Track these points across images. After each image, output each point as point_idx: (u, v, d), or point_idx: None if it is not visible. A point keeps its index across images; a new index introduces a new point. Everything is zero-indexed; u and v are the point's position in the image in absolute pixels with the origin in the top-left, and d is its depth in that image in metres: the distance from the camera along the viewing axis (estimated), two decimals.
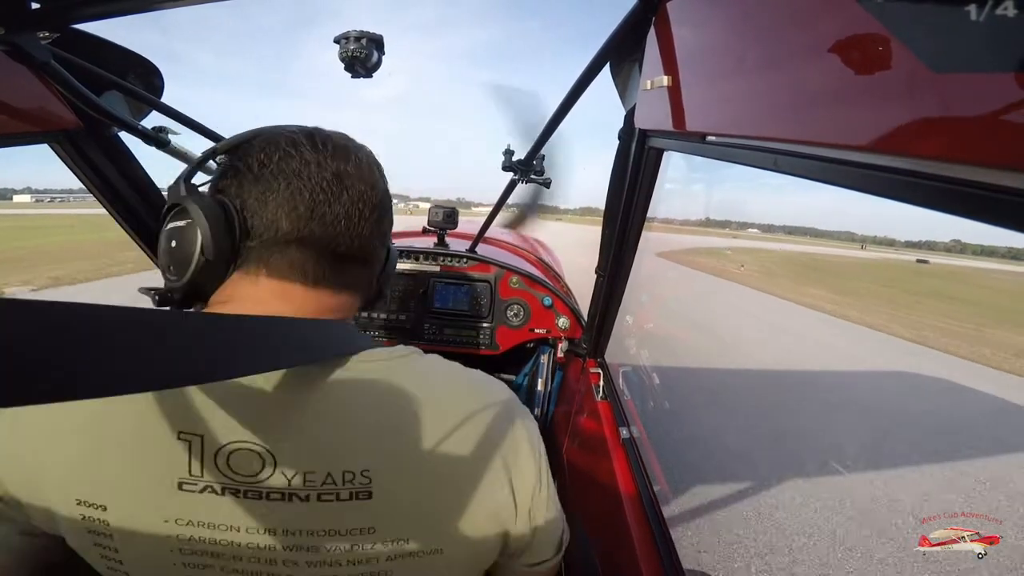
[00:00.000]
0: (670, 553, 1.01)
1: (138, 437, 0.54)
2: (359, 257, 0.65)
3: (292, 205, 0.58)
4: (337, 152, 0.61)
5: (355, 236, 0.62)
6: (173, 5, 0.82)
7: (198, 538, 0.55)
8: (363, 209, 0.62)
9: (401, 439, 0.58)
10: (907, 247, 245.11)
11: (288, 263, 0.59)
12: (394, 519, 0.58)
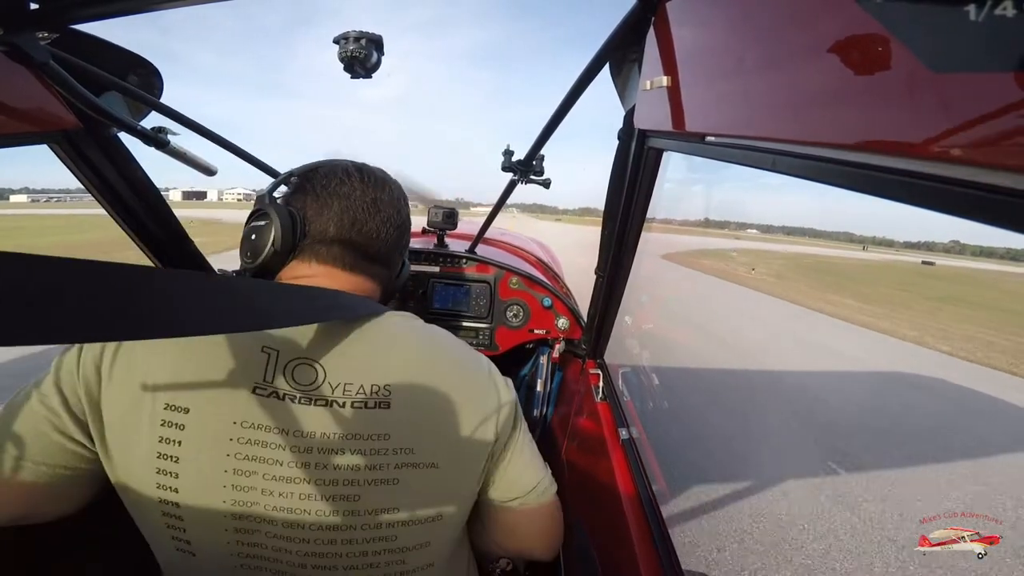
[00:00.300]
0: (669, 553, 1.01)
1: (230, 347, 0.70)
2: (383, 260, 0.88)
3: (340, 218, 0.82)
4: (376, 183, 0.86)
5: (382, 244, 0.86)
6: (173, 5, 0.81)
7: (254, 441, 0.68)
8: (390, 227, 0.86)
9: (413, 368, 0.77)
10: (906, 248, 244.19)
11: (333, 255, 0.82)
12: (404, 429, 0.74)
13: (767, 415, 5.12)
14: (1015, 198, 0.34)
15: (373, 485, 0.72)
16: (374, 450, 0.72)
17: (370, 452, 0.71)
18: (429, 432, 0.75)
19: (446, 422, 0.77)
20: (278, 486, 0.68)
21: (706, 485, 3.59)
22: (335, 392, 0.72)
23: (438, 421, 0.77)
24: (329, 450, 0.70)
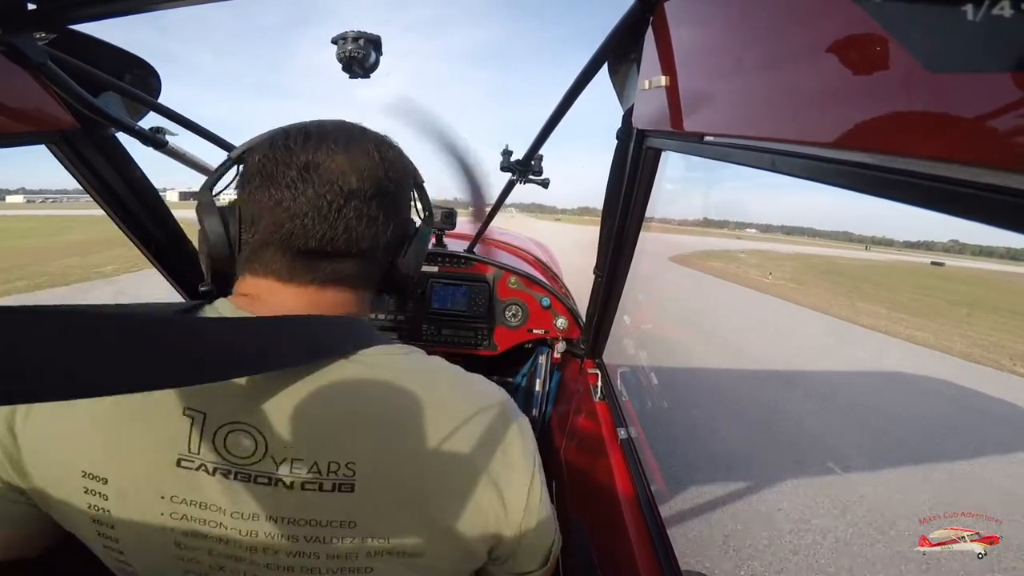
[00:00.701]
0: (667, 553, 1.02)
1: (147, 410, 0.55)
2: (341, 251, 0.63)
3: (262, 205, 0.61)
4: (309, 143, 0.61)
5: (330, 228, 0.60)
6: (170, 5, 0.81)
7: (191, 517, 0.56)
8: (334, 200, 0.60)
9: (389, 435, 0.58)
10: (906, 247, 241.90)
11: (264, 262, 0.62)
12: (375, 515, 0.57)
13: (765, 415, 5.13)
14: (1012, 197, 0.34)
15: (339, 574, 0.58)
16: (336, 537, 0.57)
17: (330, 540, 0.57)
18: (412, 518, 0.58)
19: (438, 507, 0.59)
20: (229, 563, 0.58)
21: (704, 485, 3.59)
22: (280, 468, 0.55)
23: (426, 506, 0.58)
24: (279, 535, 0.56)
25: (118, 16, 0.82)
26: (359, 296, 0.69)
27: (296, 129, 0.63)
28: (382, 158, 0.65)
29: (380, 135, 0.69)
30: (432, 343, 2.01)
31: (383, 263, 0.70)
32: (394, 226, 0.68)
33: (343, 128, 0.65)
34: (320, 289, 0.64)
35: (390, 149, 0.68)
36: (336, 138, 0.62)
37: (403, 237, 0.72)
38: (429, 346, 2.02)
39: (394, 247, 0.71)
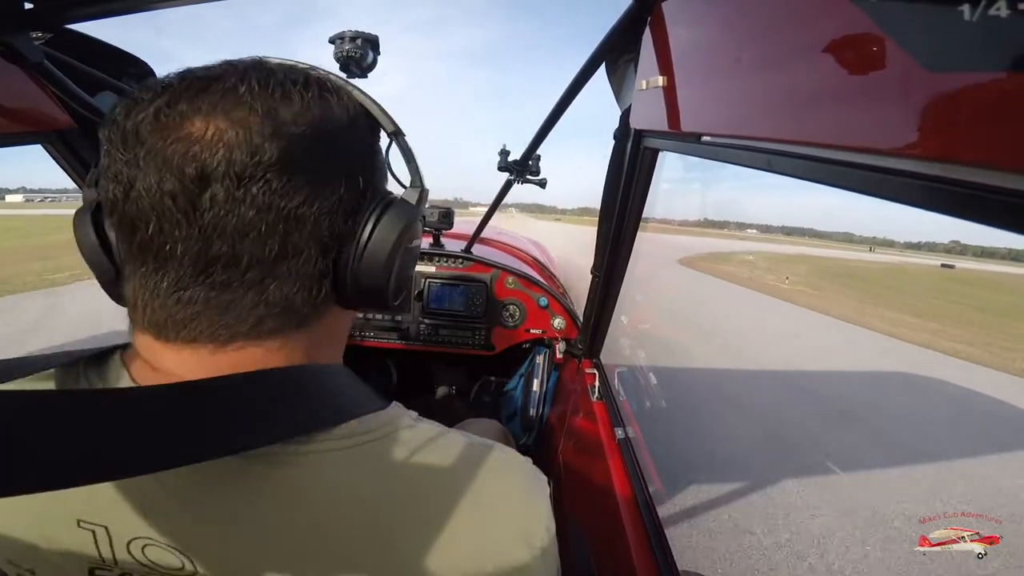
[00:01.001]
0: (665, 553, 1.02)
1: (46, 516, 0.44)
2: (229, 275, 0.40)
3: (121, 224, 0.41)
4: (166, 94, 0.38)
5: (198, 240, 0.38)
6: (167, 5, 0.81)
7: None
8: (183, 188, 0.37)
9: (348, 561, 0.43)
10: (907, 248, 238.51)
11: (131, 305, 0.43)
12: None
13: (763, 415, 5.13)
14: (1009, 197, 0.35)
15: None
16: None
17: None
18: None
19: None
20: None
21: (702, 484, 3.59)
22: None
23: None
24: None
25: (115, 16, 0.82)
26: (304, 336, 0.46)
27: (177, 73, 0.41)
28: (303, 106, 0.41)
29: (309, 73, 0.45)
30: (429, 343, 2.01)
31: (318, 271, 0.45)
32: (334, 208, 0.44)
33: (241, 68, 0.41)
34: (220, 352, 0.42)
35: (317, 90, 0.43)
36: (215, 83, 0.39)
37: (353, 224, 0.47)
38: (426, 346, 2.02)
39: (341, 241, 0.46)
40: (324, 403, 0.44)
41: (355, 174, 0.45)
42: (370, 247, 0.47)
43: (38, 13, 0.80)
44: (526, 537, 0.49)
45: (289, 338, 0.45)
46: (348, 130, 0.45)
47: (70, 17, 0.84)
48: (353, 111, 0.47)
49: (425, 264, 2.04)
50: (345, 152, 0.45)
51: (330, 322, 0.50)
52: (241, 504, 0.42)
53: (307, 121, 0.41)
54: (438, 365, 2.48)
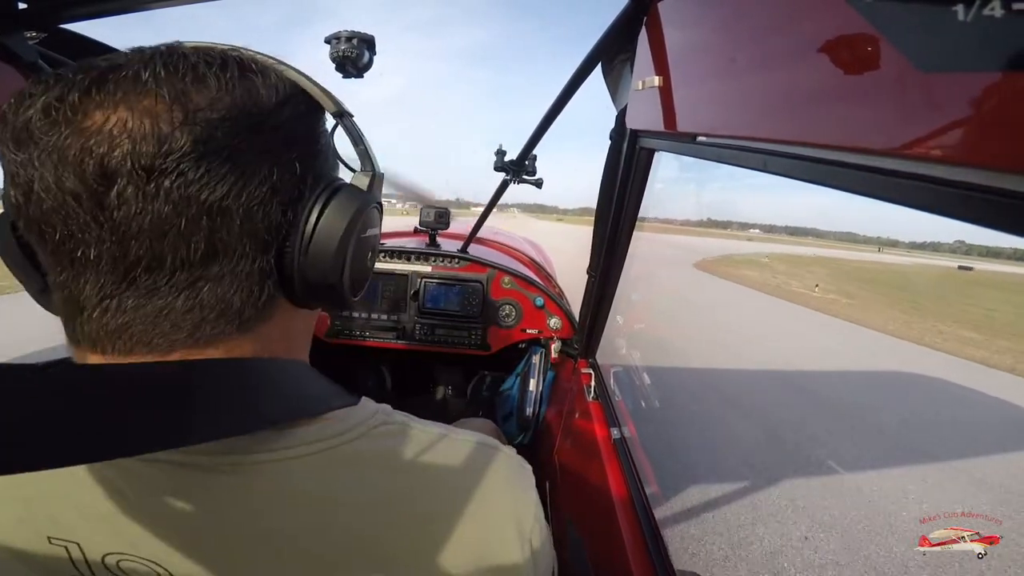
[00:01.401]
0: (661, 553, 1.02)
1: (17, 534, 0.42)
2: (155, 276, 0.36)
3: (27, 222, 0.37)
4: (58, 85, 0.34)
5: (114, 243, 0.34)
6: (162, 5, 0.81)
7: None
8: (87, 185, 0.33)
9: (331, 566, 0.42)
10: (913, 248, 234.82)
11: (61, 315, 0.40)
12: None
13: (759, 415, 5.14)
14: (1004, 198, 0.35)
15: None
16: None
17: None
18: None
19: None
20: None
21: (698, 485, 3.59)
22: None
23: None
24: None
25: (109, 15, 0.81)
26: (251, 340, 0.42)
27: (76, 63, 0.37)
28: (220, 89, 0.37)
29: (228, 54, 0.40)
30: (425, 343, 2.01)
31: (258, 269, 0.40)
32: (265, 199, 0.39)
33: (148, 54, 0.37)
34: (162, 360, 0.39)
35: (237, 71, 0.39)
36: (115, 71, 0.35)
37: (294, 216, 0.42)
38: (422, 346, 2.02)
39: (282, 234, 0.41)
40: (281, 400, 0.42)
41: (290, 160, 0.41)
42: (315, 239, 0.42)
43: (32, 13, 0.80)
44: (516, 527, 0.49)
45: (236, 343, 0.41)
46: (277, 112, 0.40)
47: (64, 17, 0.84)
48: (284, 91, 0.42)
49: (421, 264, 2.04)
50: (274, 136, 0.40)
51: (283, 323, 0.45)
52: (209, 517, 0.41)
53: (225, 105, 0.36)
54: (434, 365, 2.48)
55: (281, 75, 0.43)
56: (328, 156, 0.47)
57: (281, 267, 0.42)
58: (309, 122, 0.45)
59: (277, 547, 0.41)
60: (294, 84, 0.44)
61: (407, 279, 2.02)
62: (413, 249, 2.05)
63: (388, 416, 0.49)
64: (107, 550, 0.41)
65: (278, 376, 0.43)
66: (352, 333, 1.99)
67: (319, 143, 0.46)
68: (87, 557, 0.41)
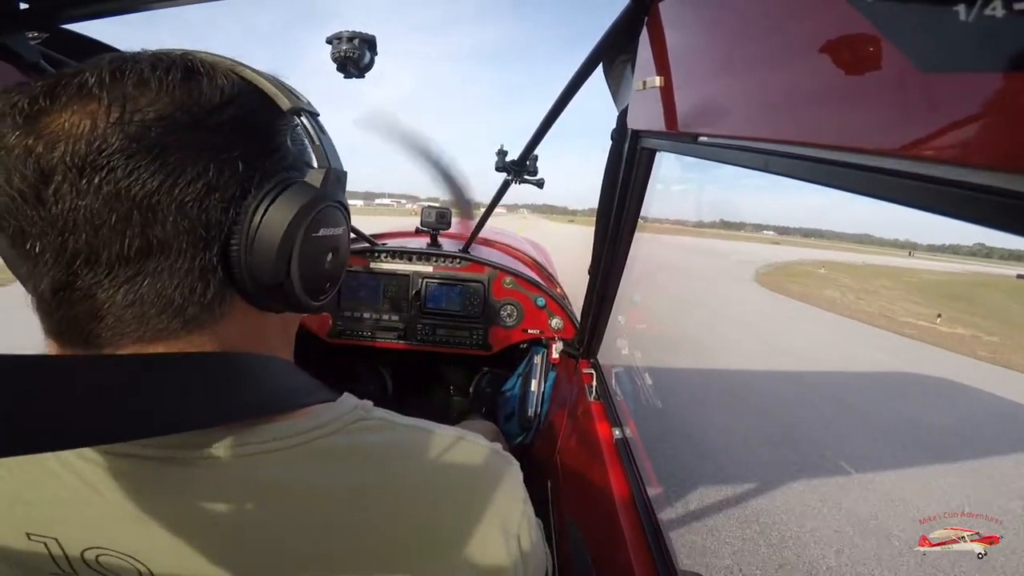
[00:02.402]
0: (664, 552, 1.02)
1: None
2: (98, 271, 0.38)
3: None
4: (22, 91, 0.37)
5: (63, 231, 0.36)
6: (165, 5, 0.81)
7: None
8: (36, 178, 0.35)
9: (313, 560, 0.43)
10: (929, 251, 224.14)
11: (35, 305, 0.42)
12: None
13: (761, 415, 5.13)
14: (1006, 198, 0.35)
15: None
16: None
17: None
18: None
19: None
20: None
21: (700, 485, 3.59)
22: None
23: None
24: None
25: (112, 16, 0.81)
26: (208, 339, 0.43)
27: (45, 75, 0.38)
28: (160, 90, 0.38)
29: (179, 58, 0.41)
30: (426, 343, 2.01)
31: (199, 265, 0.41)
32: (201, 195, 0.39)
33: (102, 63, 0.39)
34: None
35: (181, 73, 0.40)
36: (69, 79, 0.37)
37: (236, 213, 0.41)
38: (424, 346, 2.02)
39: (225, 231, 0.41)
40: (253, 392, 0.43)
41: (231, 158, 0.40)
42: (259, 237, 0.42)
43: (34, 13, 0.80)
44: (500, 524, 0.49)
45: (186, 341, 0.42)
46: (219, 111, 0.40)
47: (66, 17, 0.84)
48: (231, 91, 0.42)
49: (423, 264, 2.04)
50: (215, 135, 0.40)
51: (244, 323, 0.45)
52: (186, 508, 0.41)
53: (163, 104, 0.38)
54: (436, 365, 2.48)
55: (231, 75, 0.43)
56: (284, 156, 0.46)
57: (228, 265, 0.42)
58: (258, 120, 0.45)
59: (252, 540, 0.42)
60: (244, 83, 0.44)
61: (408, 279, 2.02)
62: (415, 249, 2.05)
63: (367, 412, 0.50)
64: (86, 545, 0.42)
65: (247, 371, 0.44)
66: (354, 333, 2.00)
67: (271, 142, 0.45)
68: (66, 552, 0.42)
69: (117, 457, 0.41)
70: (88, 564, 0.42)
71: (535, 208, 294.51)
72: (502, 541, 0.48)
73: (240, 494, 0.42)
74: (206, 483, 0.42)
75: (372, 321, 2.01)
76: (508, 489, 0.52)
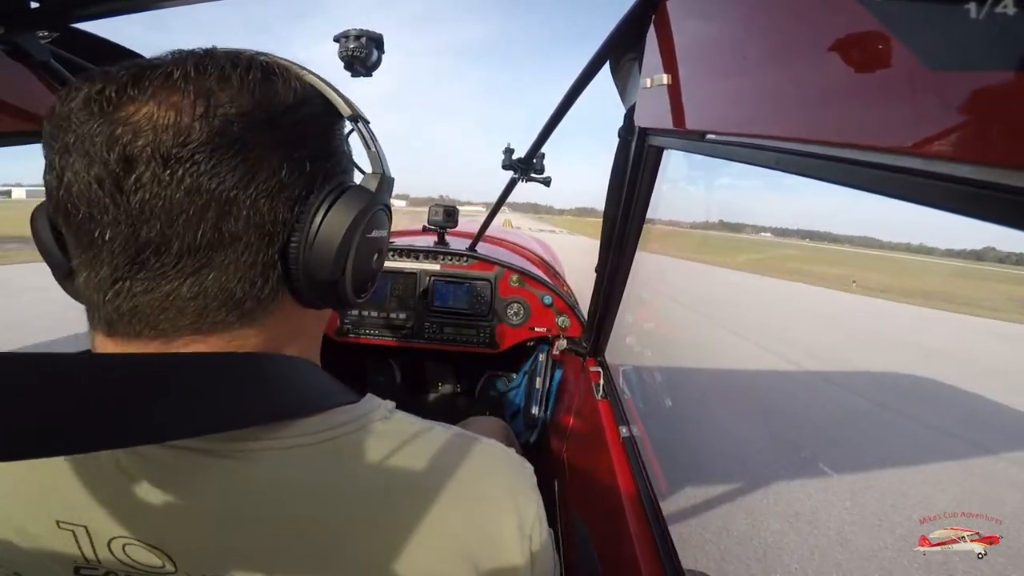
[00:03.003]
0: (670, 552, 1.02)
1: (26, 518, 0.44)
2: (164, 259, 0.38)
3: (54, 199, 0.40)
4: (98, 79, 0.38)
5: (126, 224, 0.37)
6: (174, 4, 0.81)
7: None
8: (110, 170, 0.36)
9: (327, 556, 0.43)
10: (947, 255, 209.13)
11: (84, 301, 0.43)
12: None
13: (769, 415, 5.12)
14: (1017, 195, 0.34)
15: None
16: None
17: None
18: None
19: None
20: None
21: (707, 484, 3.58)
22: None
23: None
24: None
25: (121, 15, 0.82)
26: (255, 333, 0.44)
27: (123, 63, 0.40)
28: (241, 87, 0.40)
29: (255, 58, 0.43)
30: (434, 341, 2.02)
31: (261, 261, 0.42)
32: (272, 192, 0.40)
33: (183, 56, 0.40)
34: (166, 349, 0.41)
35: (260, 73, 0.41)
36: (153, 70, 0.38)
37: (301, 212, 0.43)
38: (431, 344, 2.03)
39: (288, 230, 0.43)
40: (285, 394, 0.44)
41: (300, 158, 0.42)
42: (319, 236, 0.43)
43: (44, 12, 0.81)
44: (518, 524, 0.49)
45: (237, 334, 0.43)
46: (292, 112, 0.43)
47: (76, 16, 0.84)
48: (302, 93, 0.44)
49: (430, 262, 2.04)
50: (288, 135, 0.42)
51: (288, 320, 0.47)
52: (211, 501, 0.42)
53: (245, 101, 0.39)
54: (443, 363, 2.49)
55: (301, 79, 0.45)
56: (340, 159, 0.49)
57: (286, 262, 0.43)
58: (323, 124, 0.47)
59: (277, 533, 0.43)
60: (312, 88, 0.46)
61: (416, 277, 2.03)
62: (422, 247, 2.06)
63: (390, 412, 0.51)
64: (113, 534, 0.42)
65: (285, 373, 0.45)
66: (361, 332, 2.00)
67: (331, 145, 0.47)
68: (93, 541, 0.43)
69: (160, 447, 0.42)
70: (113, 553, 0.43)
71: (516, 207, 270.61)
72: (518, 542, 0.49)
73: (266, 487, 0.43)
74: (234, 474, 0.42)
75: (379, 319, 2.01)
76: (525, 491, 0.53)
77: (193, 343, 0.41)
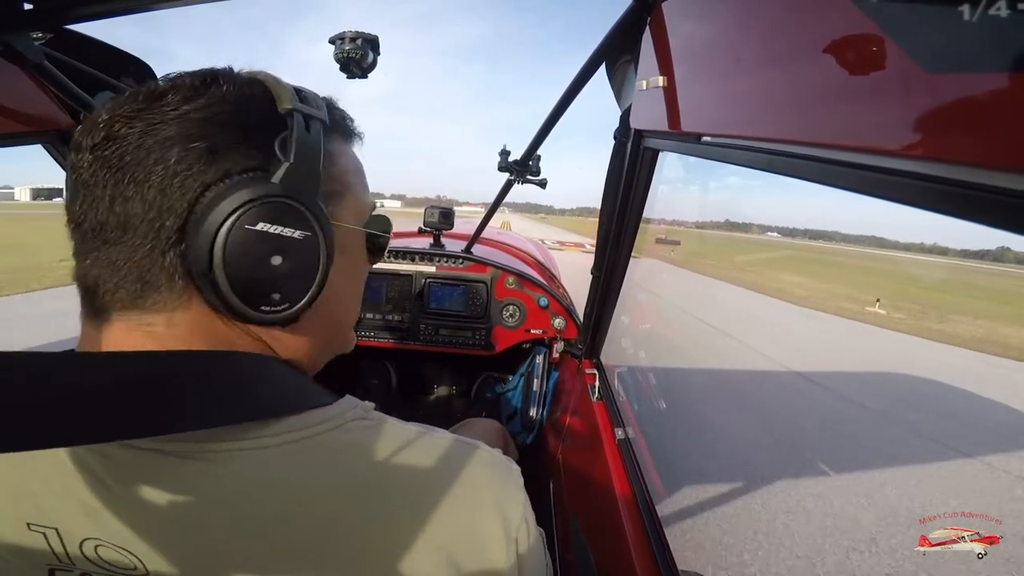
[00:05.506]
0: (665, 552, 1.02)
1: (1, 516, 0.44)
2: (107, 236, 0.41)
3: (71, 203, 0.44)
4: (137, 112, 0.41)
5: (92, 207, 0.41)
6: (167, 5, 0.81)
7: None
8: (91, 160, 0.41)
9: (303, 556, 0.42)
10: (961, 256, 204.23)
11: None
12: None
13: (763, 416, 5.13)
14: (1011, 198, 0.34)
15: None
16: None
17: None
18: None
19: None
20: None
21: (702, 485, 3.59)
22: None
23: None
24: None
25: (114, 16, 0.82)
26: (195, 323, 0.44)
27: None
28: (177, 95, 0.42)
29: (220, 71, 0.46)
30: (429, 343, 2.01)
31: (158, 247, 0.41)
32: (166, 181, 0.40)
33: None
34: (130, 327, 0.43)
35: (202, 79, 0.44)
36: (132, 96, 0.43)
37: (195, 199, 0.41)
38: (426, 346, 2.02)
39: (171, 217, 0.41)
40: (257, 395, 0.44)
41: (200, 149, 0.41)
42: (197, 226, 0.40)
43: (37, 13, 0.80)
44: (502, 525, 0.49)
45: (164, 317, 0.43)
46: (219, 107, 0.42)
47: (70, 17, 0.84)
48: (238, 91, 0.44)
49: (425, 264, 2.04)
50: (206, 127, 0.41)
51: (206, 320, 0.45)
52: (181, 503, 0.42)
53: (174, 104, 0.41)
54: (438, 365, 2.48)
55: (243, 76, 0.47)
56: (269, 152, 0.44)
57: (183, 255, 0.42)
58: (251, 119, 0.45)
59: (249, 533, 0.42)
60: (259, 84, 0.47)
61: (411, 279, 2.03)
62: (417, 249, 2.05)
63: (366, 412, 0.50)
64: (85, 536, 0.42)
65: (258, 374, 0.46)
66: (357, 333, 1.99)
67: (256, 138, 0.44)
68: (65, 543, 0.42)
69: (123, 448, 0.42)
70: (86, 555, 0.42)
71: (516, 207, 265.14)
72: (503, 544, 0.48)
73: (239, 488, 0.42)
74: (206, 476, 0.42)
75: (375, 321, 2.01)
76: (509, 492, 0.52)
77: (124, 318, 0.43)
